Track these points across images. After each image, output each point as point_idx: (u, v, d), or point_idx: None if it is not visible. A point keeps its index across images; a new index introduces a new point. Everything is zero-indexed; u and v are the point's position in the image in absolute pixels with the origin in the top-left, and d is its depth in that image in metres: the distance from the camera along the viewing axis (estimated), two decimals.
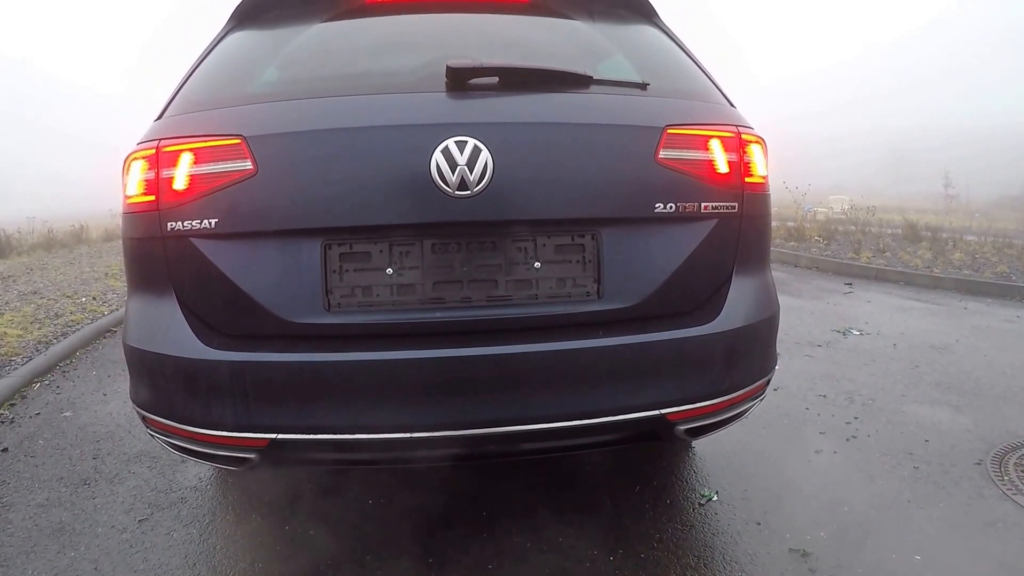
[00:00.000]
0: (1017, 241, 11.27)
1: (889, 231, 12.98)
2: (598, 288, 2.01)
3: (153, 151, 1.97)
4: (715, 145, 2.10)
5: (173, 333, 1.95)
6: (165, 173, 1.94)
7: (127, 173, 2.03)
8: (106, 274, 9.36)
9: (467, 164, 1.85)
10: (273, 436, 1.88)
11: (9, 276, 9.09)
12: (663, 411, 1.98)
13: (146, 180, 1.97)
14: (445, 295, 1.96)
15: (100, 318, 6.47)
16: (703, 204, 2.07)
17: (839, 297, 7.66)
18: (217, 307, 1.96)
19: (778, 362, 2.37)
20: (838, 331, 5.87)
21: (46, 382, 4.71)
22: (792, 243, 12.13)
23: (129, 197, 2.02)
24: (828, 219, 15.76)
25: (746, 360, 2.13)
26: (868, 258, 9.94)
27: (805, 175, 16.19)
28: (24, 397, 4.36)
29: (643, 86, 2.17)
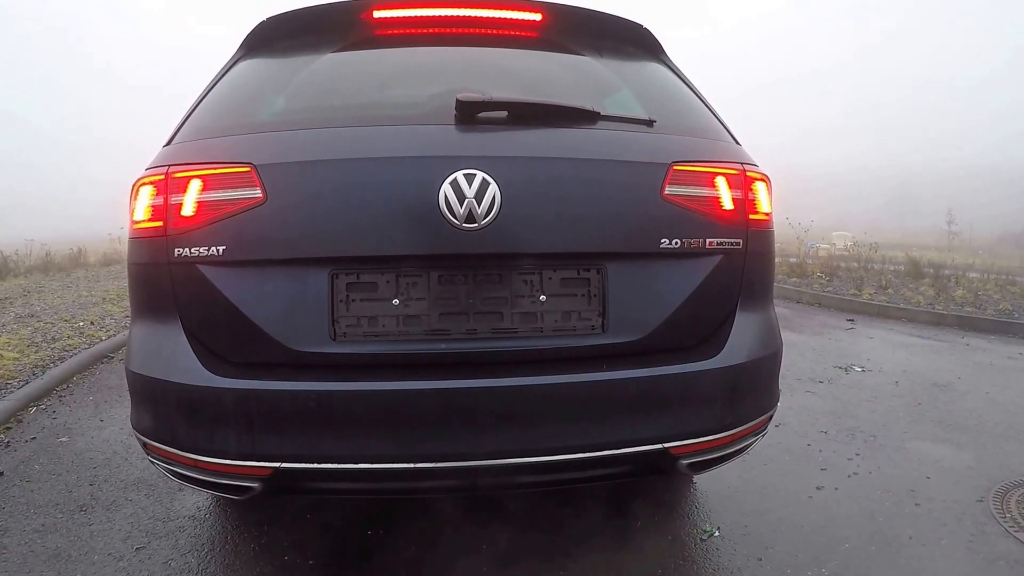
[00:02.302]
0: (1020, 279, 11.30)
1: (892, 267, 13.00)
2: (603, 322, 2.02)
3: (162, 177, 1.97)
4: (720, 182, 2.12)
5: (178, 360, 1.94)
6: (174, 199, 1.94)
7: (135, 198, 2.04)
8: (104, 299, 9.34)
9: (475, 197, 1.87)
10: (277, 465, 1.87)
11: (6, 298, 9.08)
12: (666, 445, 1.97)
13: (154, 206, 1.98)
14: (451, 327, 1.96)
15: (98, 343, 6.44)
16: (708, 240, 2.09)
17: (841, 333, 7.66)
18: (223, 334, 1.96)
19: (780, 398, 2.37)
20: (840, 367, 5.87)
21: (42, 406, 4.68)
22: (795, 279, 12.16)
23: (136, 222, 2.03)
24: (831, 255, 15.80)
25: (749, 395, 2.13)
26: (870, 294, 9.96)
27: (808, 211, 16.28)
28: (20, 421, 4.32)
29: (650, 122, 2.19)
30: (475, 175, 1.88)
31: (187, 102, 2.36)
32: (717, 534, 2.82)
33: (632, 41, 2.58)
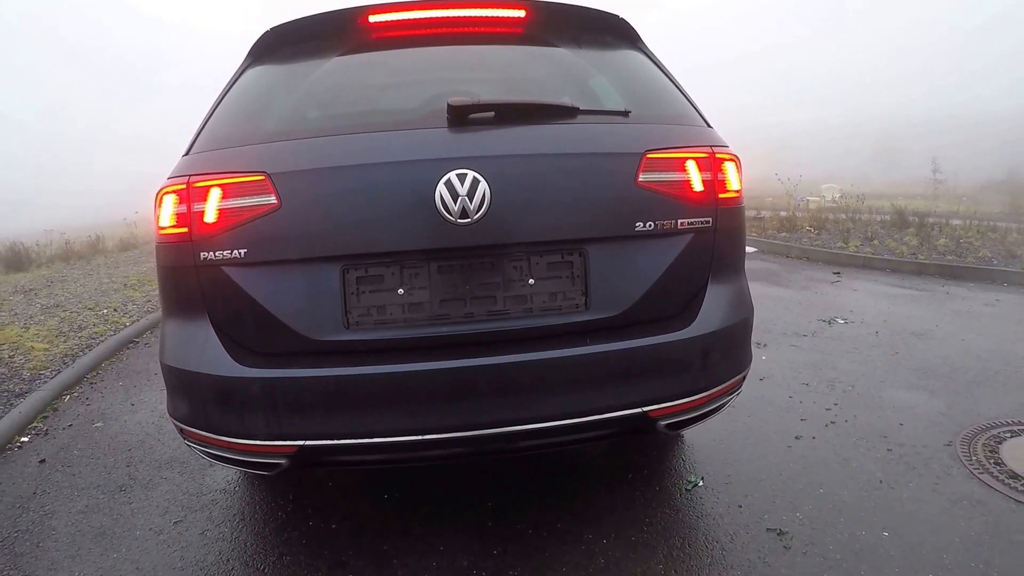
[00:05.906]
0: (1000, 224, 11.41)
1: (878, 218, 13.03)
2: (586, 300, 2.21)
3: (184, 186, 2.15)
4: (691, 166, 2.29)
5: (208, 353, 2.14)
6: (196, 207, 2.12)
7: (159, 206, 2.21)
8: (125, 284, 9.40)
9: (467, 194, 2.06)
10: (301, 443, 2.08)
11: (31, 290, 9.11)
12: (645, 408, 2.18)
13: (178, 213, 2.15)
14: (450, 311, 2.16)
15: (122, 329, 6.58)
16: (679, 221, 2.26)
17: (827, 286, 7.84)
18: (248, 328, 2.16)
19: (765, 353, 2.57)
20: (824, 320, 6.07)
21: (75, 394, 4.85)
22: (784, 234, 12.27)
23: (162, 228, 2.20)
24: (820, 208, 15.86)
25: (721, 360, 2.33)
26: (856, 247, 10.12)
27: (797, 166, 16.35)
28: (56, 410, 4.50)
29: (625, 113, 2.36)
30: (467, 174, 2.07)
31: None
32: (701, 484, 3.06)
33: (610, 31, 2.73)
